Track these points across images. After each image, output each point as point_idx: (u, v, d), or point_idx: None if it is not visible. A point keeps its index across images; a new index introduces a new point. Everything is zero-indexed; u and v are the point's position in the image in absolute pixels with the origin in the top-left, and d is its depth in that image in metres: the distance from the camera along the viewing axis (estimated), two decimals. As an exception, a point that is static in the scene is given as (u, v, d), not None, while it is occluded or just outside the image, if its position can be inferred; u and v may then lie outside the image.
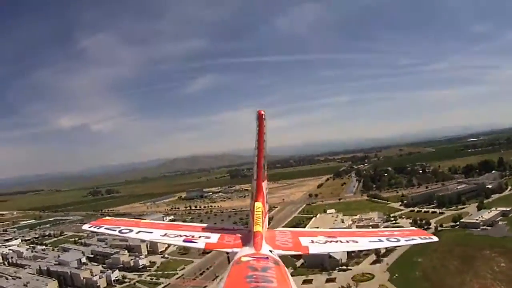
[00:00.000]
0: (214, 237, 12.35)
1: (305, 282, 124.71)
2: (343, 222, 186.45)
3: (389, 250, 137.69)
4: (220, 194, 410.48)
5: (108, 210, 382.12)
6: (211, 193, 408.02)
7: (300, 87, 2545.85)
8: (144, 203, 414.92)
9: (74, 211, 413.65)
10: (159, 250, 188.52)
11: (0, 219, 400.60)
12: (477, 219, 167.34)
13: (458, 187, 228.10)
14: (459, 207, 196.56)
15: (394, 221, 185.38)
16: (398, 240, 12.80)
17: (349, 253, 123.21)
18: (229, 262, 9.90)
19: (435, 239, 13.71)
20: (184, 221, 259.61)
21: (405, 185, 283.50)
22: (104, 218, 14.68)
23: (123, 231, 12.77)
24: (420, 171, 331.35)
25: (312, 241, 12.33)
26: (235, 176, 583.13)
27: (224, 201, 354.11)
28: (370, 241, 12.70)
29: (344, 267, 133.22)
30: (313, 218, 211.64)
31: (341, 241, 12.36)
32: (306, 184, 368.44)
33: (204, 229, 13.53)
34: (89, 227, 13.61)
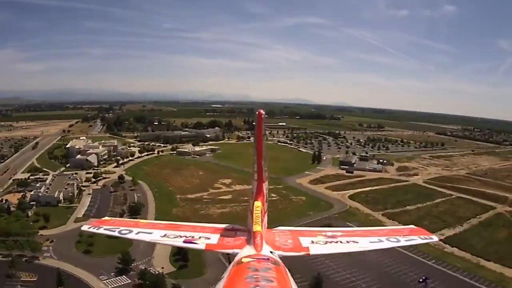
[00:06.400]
0: (214, 238, 12.20)
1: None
2: (92, 142, 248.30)
3: (127, 162, 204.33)
4: None
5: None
6: None
7: (55, 33, 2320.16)
8: None
9: None
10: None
11: None
12: (190, 151, 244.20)
13: (182, 133, 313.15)
14: (180, 145, 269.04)
15: (131, 146, 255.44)
16: (398, 241, 12.81)
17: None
18: (229, 263, 9.84)
19: (435, 238, 13.69)
20: None
21: (141, 130, 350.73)
22: (103, 219, 14.69)
23: (122, 231, 12.82)
24: (156, 123, 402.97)
25: (312, 242, 12.21)
26: None
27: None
28: (371, 242, 12.66)
29: (96, 168, 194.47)
30: (70, 141, 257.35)
31: (341, 242, 12.33)
32: (59, 125, 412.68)
33: (204, 230, 13.23)
34: (89, 228, 13.46)
